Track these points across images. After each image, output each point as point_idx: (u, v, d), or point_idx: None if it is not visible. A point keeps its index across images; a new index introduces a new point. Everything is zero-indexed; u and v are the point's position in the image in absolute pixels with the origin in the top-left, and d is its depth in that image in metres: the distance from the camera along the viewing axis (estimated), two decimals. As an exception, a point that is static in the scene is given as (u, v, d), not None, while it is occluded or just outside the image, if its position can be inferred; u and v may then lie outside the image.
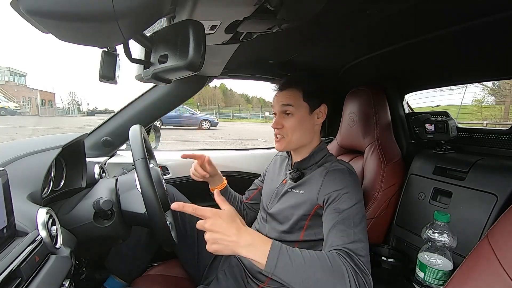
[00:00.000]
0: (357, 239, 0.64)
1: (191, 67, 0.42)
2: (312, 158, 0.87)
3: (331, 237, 0.66)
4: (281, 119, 0.86)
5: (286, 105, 0.85)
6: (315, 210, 0.79)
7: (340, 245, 0.63)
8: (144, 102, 1.18)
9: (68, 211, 0.69)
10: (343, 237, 0.64)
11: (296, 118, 0.84)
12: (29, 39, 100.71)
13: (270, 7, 0.53)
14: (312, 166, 0.87)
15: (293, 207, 0.83)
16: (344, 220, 0.68)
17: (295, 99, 0.84)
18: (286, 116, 0.86)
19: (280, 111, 0.86)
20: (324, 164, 0.84)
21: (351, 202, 0.70)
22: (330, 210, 0.72)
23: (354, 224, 0.67)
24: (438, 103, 1.39)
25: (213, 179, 1.03)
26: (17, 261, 0.43)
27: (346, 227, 0.66)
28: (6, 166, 0.58)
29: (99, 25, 0.32)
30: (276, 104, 0.88)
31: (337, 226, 0.67)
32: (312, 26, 0.77)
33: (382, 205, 0.92)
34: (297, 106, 0.84)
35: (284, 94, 0.86)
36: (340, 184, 0.74)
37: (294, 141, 0.86)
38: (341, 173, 0.78)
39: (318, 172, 0.82)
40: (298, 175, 0.85)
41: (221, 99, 48.73)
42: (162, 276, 1.00)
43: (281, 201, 0.88)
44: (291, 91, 0.85)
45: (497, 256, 0.42)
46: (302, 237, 0.82)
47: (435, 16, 0.70)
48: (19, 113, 19.96)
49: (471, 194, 0.80)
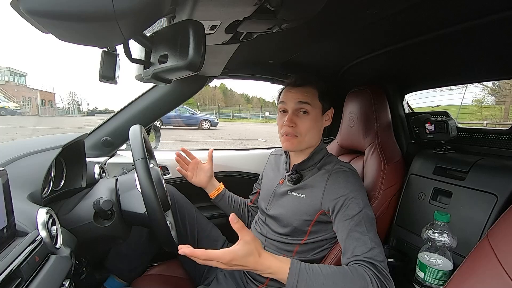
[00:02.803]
0: (373, 245, 0.64)
1: (191, 67, 0.42)
2: (311, 159, 0.85)
3: (349, 247, 0.66)
4: (295, 117, 0.81)
5: (304, 102, 0.80)
6: (318, 215, 0.78)
7: (361, 255, 0.63)
8: (144, 102, 1.18)
9: (68, 211, 0.69)
10: (361, 246, 0.64)
11: (311, 118, 0.81)
12: (29, 39, 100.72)
13: (270, 7, 0.53)
14: (311, 167, 0.85)
15: (294, 212, 0.81)
16: (357, 226, 0.67)
17: (312, 97, 0.81)
18: (301, 115, 0.81)
19: (295, 108, 0.81)
20: (325, 166, 0.83)
21: (359, 207, 0.70)
22: (340, 218, 0.71)
23: (367, 229, 0.67)
24: (438, 103, 1.39)
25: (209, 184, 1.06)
26: (17, 261, 0.42)
27: (360, 234, 0.66)
28: (6, 166, 0.58)
29: (99, 25, 0.32)
30: (290, 100, 0.82)
31: (351, 235, 0.67)
32: (312, 26, 0.77)
33: (382, 205, 0.92)
34: (314, 105, 0.81)
35: (301, 91, 0.81)
36: (345, 188, 0.73)
37: (306, 142, 0.83)
38: (344, 176, 0.76)
39: (320, 176, 0.80)
40: (297, 178, 0.83)
41: (221, 99, 48.72)
42: (162, 276, 1.00)
43: (280, 203, 0.87)
44: (309, 89, 0.81)
45: (497, 256, 0.42)
46: (304, 242, 0.81)
47: (435, 16, 0.70)
48: (19, 113, 19.95)
49: (471, 194, 0.80)
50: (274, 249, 0.85)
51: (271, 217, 0.88)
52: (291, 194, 0.84)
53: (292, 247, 0.82)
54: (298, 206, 0.81)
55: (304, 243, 0.81)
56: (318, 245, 0.81)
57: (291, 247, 0.83)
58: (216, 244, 1.04)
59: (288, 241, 0.83)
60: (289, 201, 0.84)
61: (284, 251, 0.83)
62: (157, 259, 1.09)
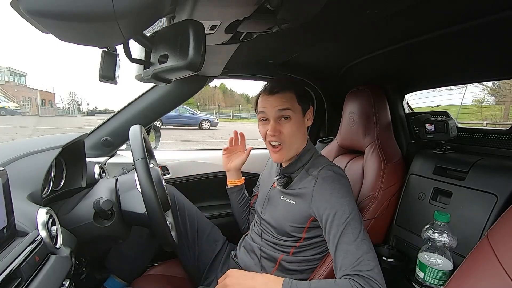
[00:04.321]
0: (362, 253, 0.64)
1: (191, 67, 0.42)
2: (299, 161, 0.85)
3: (338, 261, 0.66)
4: (278, 125, 0.81)
5: (284, 109, 0.79)
6: (310, 221, 0.78)
7: (348, 269, 0.63)
8: (144, 102, 1.18)
9: (68, 211, 0.69)
10: (348, 258, 0.64)
11: (294, 123, 0.81)
12: (29, 39, 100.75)
13: (270, 7, 0.53)
14: (299, 169, 0.84)
15: (286, 218, 0.81)
16: (344, 235, 0.67)
17: (291, 102, 0.80)
18: (283, 121, 0.81)
19: (276, 117, 0.81)
20: (312, 169, 0.81)
21: (346, 214, 0.69)
22: (328, 230, 0.70)
23: (354, 237, 0.66)
24: (438, 103, 1.38)
25: (235, 173, 1.10)
26: (17, 261, 0.42)
27: (348, 244, 0.66)
28: (6, 166, 0.58)
29: (99, 25, 0.32)
30: (269, 108, 0.81)
31: (339, 247, 0.67)
32: (312, 26, 0.77)
33: (382, 205, 0.92)
34: (294, 110, 0.81)
35: (279, 98, 0.80)
36: (330, 196, 0.72)
37: (294, 148, 0.83)
38: (329, 182, 0.75)
39: (308, 181, 0.79)
40: (285, 181, 0.83)
41: (221, 99, 48.70)
42: (162, 276, 1.00)
43: (273, 207, 0.87)
44: (286, 94, 0.80)
45: (497, 256, 0.42)
46: (300, 244, 0.81)
47: (435, 16, 0.70)
48: (19, 113, 19.97)
49: (471, 194, 0.80)
50: (271, 250, 0.85)
51: (266, 221, 0.88)
52: (283, 199, 0.84)
53: (288, 249, 0.83)
54: (290, 212, 0.81)
55: (300, 245, 0.82)
56: (315, 245, 0.82)
57: (287, 248, 0.83)
58: (216, 244, 1.04)
59: (284, 243, 0.83)
60: (281, 206, 0.84)
61: (281, 252, 0.84)
62: (157, 259, 1.09)
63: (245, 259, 0.91)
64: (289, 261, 0.82)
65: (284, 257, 0.83)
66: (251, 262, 0.89)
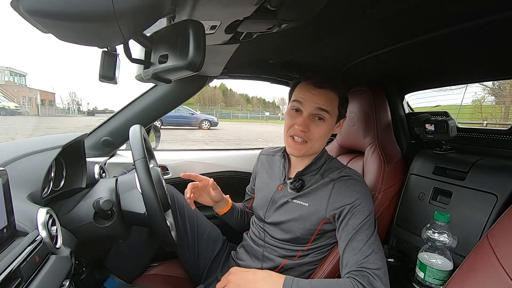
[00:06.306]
0: (371, 251, 0.64)
1: (191, 67, 0.42)
2: (314, 164, 0.83)
3: (346, 257, 0.66)
4: (310, 122, 0.76)
5: (324, 109, 0.75)
6: (322, 224, 0.77)
7: (354, 265, 0.63)
8: (144, 102, 1.18)
9: (68, 211, 0.69)
10: (357, 255, 0.64)
11: (327, 126, 0.77)
12: (29, 39, 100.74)
13: (270, 7, 0.53)
14: (313, 172, 0.82)
15: (297, 221, 0.79)
16: (358, 235, 0.67)
17: (332, 104, 0.76)
18: (316, 120, 0.76)
19: (312, 113, 0.76)
20: (329, 172, 0.80)
21: (364, 215, 0.69)
22: (343, 226, 0.70)
23: (367, 236, 0.66)
24: (438, 103, 1.39)
25: (218, 204, 0.96)
26: (17, 261, 0.42)
27: (359, 242, 0.66)
28: (6, 166, 0.58)
29: (99, 25, 0.32)
30: (308, 102, 0.75)
31: (351, 244, 0.67)
32: (312, 26, 0.77)
33: (382, 205, 0.92)
34: (332, 113, 0.76)
35: (323, 95, 0.75)
36: (351, 196, 0.72)
37: (315, 148, 0.79)
38: (350, 183, 0.74)
39: (324, 183, 0.78)
40: (300, 185, 0.80)
41: (221, 99, 48.72)
42: (162, 276, 1.00)
43: (282, 212, 0.83)
44: (331, 93, 0.76)
45: (497, 256, 0.42)
46: (307, 248, 0.81)
47: (435, 16, 0.70)
48: (19, 113, 19.97)
49: (471, 194, 0.80)
50: (275, 255, 0.83)
51: (271, 224, 0.86)
52: (293, 202, 0.81)
53: (295, 253, 0.82)
54: (301, 214, 0.79)
55: (308, 249, 0.81)
56: (320, 249, 0.81)
57: (293, 252, 0.82)
58: (216, 244, 1.03)
59: (290, 247, 0.82)
60: (291, 209, 0.81)
61: (286, 256, 0.82)
62: (157, 259, 1.09)
63: (246, 261, 0.90)
64: (291, 266, 0.81)
65: (287, 262, 0.82)
66: (252, 265, 0.87)
